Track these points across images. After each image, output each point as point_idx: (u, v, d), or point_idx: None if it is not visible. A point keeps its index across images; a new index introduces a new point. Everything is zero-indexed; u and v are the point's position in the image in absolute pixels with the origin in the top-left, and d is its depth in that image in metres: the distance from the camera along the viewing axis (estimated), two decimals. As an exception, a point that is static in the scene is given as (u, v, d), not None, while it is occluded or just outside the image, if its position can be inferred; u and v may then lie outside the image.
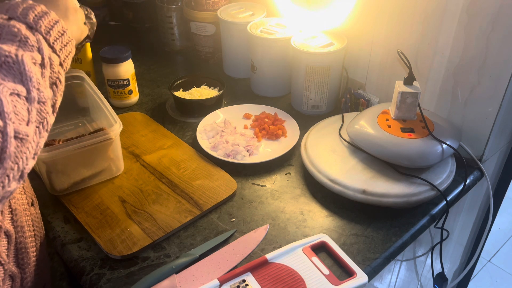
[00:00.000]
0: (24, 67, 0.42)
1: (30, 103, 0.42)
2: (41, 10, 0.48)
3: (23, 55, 0.43)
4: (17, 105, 0.40)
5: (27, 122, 0.41)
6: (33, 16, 0.46)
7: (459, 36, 0.81)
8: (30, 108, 0.42)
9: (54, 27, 0.48)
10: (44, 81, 0.44)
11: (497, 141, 0.92)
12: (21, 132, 0.40)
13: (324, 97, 1.02)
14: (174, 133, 0.98)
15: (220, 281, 0.65)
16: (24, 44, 0.43)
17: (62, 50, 0.49)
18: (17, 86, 0.41)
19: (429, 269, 0.95)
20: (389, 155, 0.79)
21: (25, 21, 0.45)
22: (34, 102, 0.42)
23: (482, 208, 1.12)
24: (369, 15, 0.95)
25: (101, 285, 0.66)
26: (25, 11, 0.46)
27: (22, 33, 0.44)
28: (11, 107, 0.39)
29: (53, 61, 0.47)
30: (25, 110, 0.41)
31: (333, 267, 0.69)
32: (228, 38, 1.17)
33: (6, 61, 0.41)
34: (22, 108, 0.41)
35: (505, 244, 2.08)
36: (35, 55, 0.44)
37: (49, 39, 0.47)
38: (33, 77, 0.43)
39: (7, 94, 0.39)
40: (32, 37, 0.45)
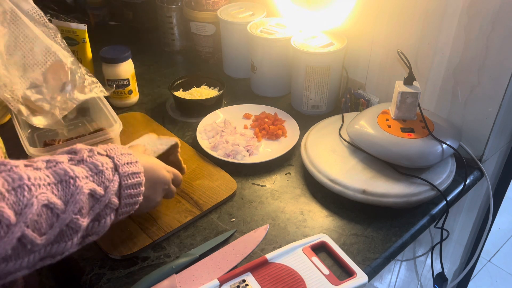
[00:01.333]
0: (77, 193, 0.44)
1: (57, 221, 0.43)
2: (136, 163, 0.52)
3: (87, 184, 0.45)
4: (43, 216, 0.41)
5: (41, 234, 0.42)
6: (124, 162, 0.50)
7: (459, 36, 0.81)
8: (56, 225, 0.43)
9: (134, 183, 0.51)
10: (89, 213, 0.46)
11: (497, 141, 0.92)
12: (28, 238, 0.40)
13: (324, 97, 1.02)
14: (174, 133, 0.98)
15: (220, 281, 0.65)
16: (97, 176, 0.46)
17: (128, 203, 0.52)
18: (57, 202, 0.43)
19: (429, 269, 0.95)
20: (389, 155, 0.79)
21: (116, 162, 0.49)
22: (62, 223, 0.43)
23: (482, 208, 1.12)
24: (369, 15, 0.95)
25: (101, 285, 0.66)
26: (122, 156, 0.51)
27: (102, 168, 0.47)
28: (35, 216, 0.40)
29: (111, 204, 0.49)
30: (47, 224, 0.42)
31: (333, 267, 0.69)
32: (228, 38, 1.17)
33: (69, 181, 0.44)
34: (46, 221, 0.42)
35: (505, 244, 2.07)
36: (98, 189, 0.46)
37: (123, 187, 0.50)
38: (78, 204, 0.44)
39: (41, 202, 0.41)
40: (109, 175, 0.48)
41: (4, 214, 0.38)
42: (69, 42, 1.02)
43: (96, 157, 0.49)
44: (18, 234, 0.39)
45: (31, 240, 0.41)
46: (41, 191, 0.42)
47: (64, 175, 0.44)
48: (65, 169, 0.45)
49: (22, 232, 0.40)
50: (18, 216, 0.39)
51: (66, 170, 0.45)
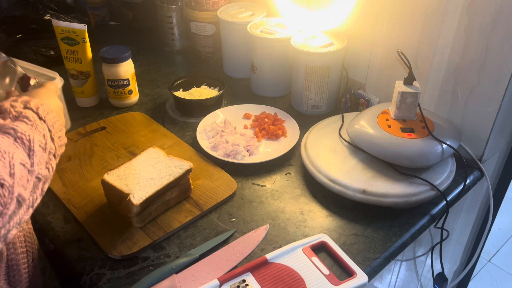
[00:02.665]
0: (33, 146, 0.50)
1: (30, 175, 0.48)
2: (48, 108, 0.57)
3: (35, 137, 0.51)
4: (22, 173, 0.47)
5: (25, 189, 0.47)
6: (42, 110, 0.55)
7: (459, 36, 0.81)
8: (30, 179, 0.48)
9: (56, 123, 0.57)
10: (43, 162, 0.51)
11: (497, 141, 0.92)
12: (21, 196, 0.46)
13: (324, 97, 1.02)
14: (174, 133, 0.98)
15: (220, 281, 0.65)
16: (35, 129, 0.52)
17: (59, 144, 0.57)
18: (25, 158, 0.48)
19: (429, 269, 0.95)
20: (389, 155, 0.79)
21: (36, 112, 0.54)
22: (33, 175, 0.48)
23: (482, 208, 1.12)
24: (369, 15, 0.95)
25: (101, 285, 0.66)
26: (36, 105, 0.55)
27: (33, 119, 0.53)
28: (19, 173, 0.46)
29: (51, 150, 0.54)
30: (25, 179, 0.47)
31: (333, 267, 0.69)
32: (228, 38, 1.17)
33: (21, 137, 0.49)
34: (24, 177, 0.47)
35: (505, 244, 2.07)
36: (42, 140, 0.52)
37: (52, 131, 0.55)
38: (37, 155, 0.50)
39: (18, 162, 0.46)
40: (40, 125, 0.53)
41: (5, 177, 0.43)
42: (69, 42, 1.02)
43: (22, 111, 0.53)
44: (16, 193, 0.45)
45: (23, 197, 0.46)
46: (11, 150, 0.46)
47: (14, 133, 0.49)
48: (12, 128, 0.49)
49: (18, 191, 0.45)
50: (11, 178, 0.44)
51: (14, 128, 0.49)
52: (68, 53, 1.03)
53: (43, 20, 1.28)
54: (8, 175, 0.44)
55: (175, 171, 0.77)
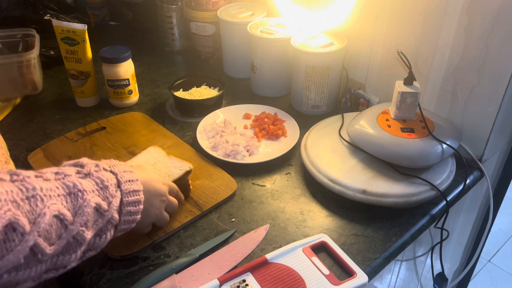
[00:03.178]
0: (85, 205, 0.46)
1: (66, 233, 0.44)
2: (137, 181, 0.55)
3: (93, 198, 0.47)
4: (53, 226, 0.43)
5: (51, 244, 0.43)
6: (126, 180, 0.53)
7: (459, 36, 0.81)
8: (63, 236, 0.44)
9: (134, 200, 0.54)
10: (93, 227, 0.48)
11: (497, 141, 0.92)
12: (39, 247, 0.41)
13: (324, 97, 1.02)
14: (174, 133, 0.98)
15: (220, 281, 0.65)
16: (102, 190, 0.49)
17: (126, 220, 0.54)
18: (67, 213, 0.44)
19: (429, 269, 0.95)
20: (389, 155, 0.79)
21: (119, 179, 0.51)
22: (70, 234, 0.45)
23: (482, 208, 1.12)
24: (369, 15, 0.95)
25: (101, 285, 0.66)
26: (124, 173, 0.53)
27: (107, 183, 0.50)
28: (47, 226, 0.42)
29: (113, 220, 0.50)
30: (57, 234, 0.43)
31: (333, 267, 0.69)
32: (228, 38, 1.17)
33: (77, 193, 0.46)
34: (55, 232, 0.43)
35: (505, 244, 2.07)
36: (103, 204, 0.49)
37: (124, 203, 0.53)
38: (85, 216, 0.46)
39: (52, 213, 0.42)
40: (113, 191, 0.50)
41: (20, 222, 0.39)
42: (69, 42, 1.02)
43: (101, 172, 0.51)
44: (31, 242, 0.40)
45: (41, 250, 0.42)
46: (52, 201, 0.43)
47: (73, 187, 0.46)
48: (74, 182, 0.46)
49: (35, 241, 0.41)
50: (32, 225, 0.40)
51: (75, 183, 0.46)
52: (68, 53, 1.03)
53: (43, 20, 1.28)
54: (29, 221, 0.40)
55: (175, 172, 0.77)
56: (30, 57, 1.05)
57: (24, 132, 0.99)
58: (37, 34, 1.14)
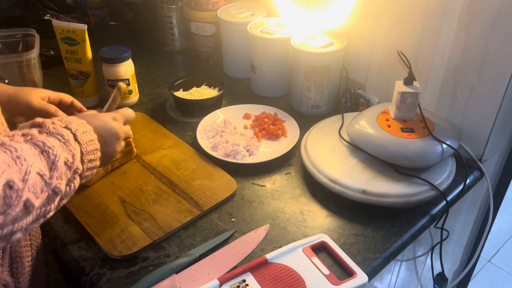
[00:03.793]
0: (57, 160, 0.52)
1: (47, 186, 0.50)
2: (89, 132, 0.60)
3: (62, 153, 0.53)
4: (37, 182, 0.48)
5: (37, 198, 0.48)
6: (81, 132, 0.58)
7: (459, 36, 0.81)
8: (45, 190, 0.50)
9: (92, 149, 0.59)
10: (64, 179, 0.53)
11: (497, 141, 0.92)
12: (30, 202, 0.47)
13: (324, 97, 1.02)
14: (174, 133, 0.98)
15: (220, 281, 0.65)
16: (65, 145, 0.54)
17: (88, 168, 0.59)
18: (45, 170, 0.50)
19: (429, 269, 0.95)
20: (389, 155, 0.79)
21: (74, 133, 0.57)
22: (49, 187, 0.50)
23: (482, 208, 1.12)
24: (369, 15, 0.95)
25: (101, 285, 0.66)
26: (77, 126, 0.58)
27: (67, 138, 0.55)
28: (33, 181, 0.47)
29: (78, 170, 0.56)
30: (39, 188, 0.49)
31: (333, 267, 0.69)
32: (228, 38, 1.17)
33: (48, 151, 0.51)
34: (38, 186, 0.49)
35: (505, 244, 2.07)
36: (69, 157, 0.54)
37: (84, 153, 0.58)
38: (59, 170, 0.52)
39: (35, 171, 0.48)
40: (73, 145, 0.56)
41: (14, 180, 0.45)
42: (69, 42, 1.02)
43: (59, 128, 0.56)
44: (24, 197, 0.46)
45: (32, 203, 0.47)
46: (33, 160, 0.48)
47: (43, 146, 0.51)
48: (42, 141, 0.51)
49: (27, 196, 0.46)
50: (22, 183, 0.46)
51: (44, 141, 0.51)
52: (68, 53, 1.03)
53: (43, 20, 1.28)
54: (20, 179, 0.46)
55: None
56: (30, 57, 1.05)
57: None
58: (37, 34, 1.14)
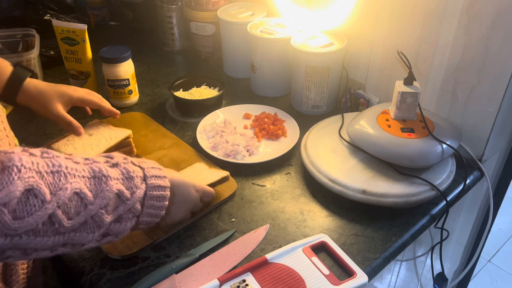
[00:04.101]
0: (107, 190, 0.48)
1: (84, 210, 0.46)
2: (164, 178, 0.56)
3: (116, 184, 0.49)
4: (73, 202, 0.45)
5: (69, 218, 0.45)
6: (153, 175, 0.54)
7: (459, 36, 0.81)
8: (82, 213, 0.46)
9: (159, 195, 0.55)
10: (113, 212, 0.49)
11: (497, 141, 0.92)
12: (57, 217, 0.44)
13: (324, 97, 1.02)
14: (174, 133, 0.98)
15: (220, 281, 0.65)
16: (127, 180, 0.51)
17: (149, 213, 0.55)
18: (88, 193, 0.46)
19: (429, 269, 0.95)
20: (389, 155, 0.79)
21: (145, 172, 0.54)
22: (89, 213, 0.47)
23: (482, 208, 1.12)
24: (369, 15, 0.95)
25: (101, 285, 0.66)
26: (153, 170, 0.55)
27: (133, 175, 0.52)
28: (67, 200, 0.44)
29: (134, 209, 0.52)
30: (75, 210, 0.45)
31: (333, 267, 0.69)
32: (228, 38, 1.17)
33: (101, 178, 0.48)
34: (75, 208, 0.45)
35: (505, 244, 2.07)
36: (126, 192, 0.50)
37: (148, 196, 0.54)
38: (106, 200, 0.48)
39: (73, 190, 0.45)
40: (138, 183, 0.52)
41: (41, 190, 0.42)
42: (69, 42, 1.02)
43: (129, 164, 0.53)
44: (50, 211, 0.43)
45: (59, 220, 0.44)
46: (75, 180, 0.45)
47: (98, 172, 0.48)
48: (100, 168, 0.49)
49: (54, 210, 0.43)
50: (53, 196, 0.43)
51: (101, 168, 0.49)
52: (68, 53, 1.03)
53: (43, 20, 1.28)
54: (51, 192, 0.43)
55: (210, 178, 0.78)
56: (30, 57, 1.05)
57: (24, 132, 0.99)
58: (37, 34, 1.14)
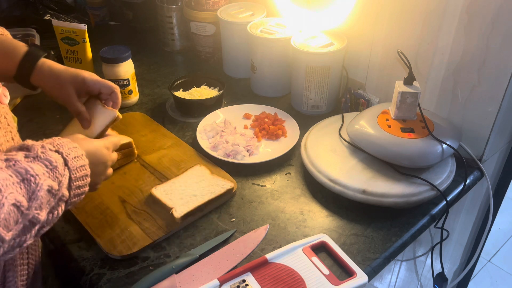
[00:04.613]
0: (39, 190, 0.48)
1: (22, 218, 0.47)
2: (81, 157, 0.57)
3: (46, 181, 0.49)
4: (11, 214, 0.45)
5: (9, 231, 0.45)
6: (73, 157, 0.55)
7: (459, 36, 0.81)
8: (20, 221, 0.47)
9: (82, 175, 0.56)
10: (46, 207, 0.50)
11: (497, 141, 0.92)
12: None
13: (324, 97, 1.02)
14: (174, 133, 0.98)
15: (220, 281, 0.65)
16: (52, 171, 0.51)
17: (76, 194, 0.56)
18: (23, 200, 0.47)
19: (429, 269, 0.95)
20: (389, 155, 0.79)
21: (65, 157, 0.54)
22: (25, 218, 0.47)
23: (482, 208, 1.12)
24: (369, 15, 0.95)
25: (101, 285, 0.66)
26: (69, 151, 0.55)
27: (56, 164, 0.52)
28: (6, 215, 0.45)
29: (63, 197, 0.53)
30: (13, 220, 0.46)
31: (333, 267, 0.69)
32: (228, 38, 1.17)
33: (30, 179, 0.48)
34: (13, 218, 0.46)
35: (505, 244, 2.07)
36: (54, 185, 0.51)
37: (73, 180, 0.55)
38: (40, 200, 0.49)
39: (10, 202, 0.45)
40: (61, 170, 0.52)
41: None
42: (69, 42, 1.02)
43: (48, 153, 0.52)
44: None
45: (1, 237, 0.44)
46: (9, 191, 0.45)
47: (25, 173, 0.48)
48: (25, 168, 0.48)
49: None
50: None
51: (27, 168, 0.48)
52: (68, 53, 1.04)
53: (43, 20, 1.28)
54: None
55: (217, 189, 0.80)
56: (30, 57, 1.05)
57: (24, 132, 0.99)
58: (37, 34, 1.14)
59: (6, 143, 0.59)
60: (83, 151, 0.58)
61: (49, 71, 0.73)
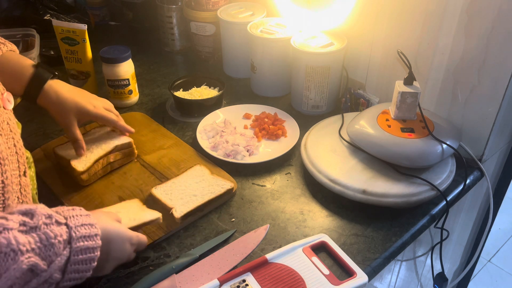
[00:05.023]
0: (13, 269, 0.42)
1: None
2: (95, 236, 0.50)
3: (28, 259, 0.43)
4: None
5: None
6: (81, 235, 0.48)
7: (459, 36, 0.81)
8: None
9: (86, 259, 0.49)
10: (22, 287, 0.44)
11: (497, 141, 0.92)
12: None
13: (324, 97, 1.02)
14: (174, 133, 0.98)
15: (220, 281, 0.65)
16: (45, 248, 0.45)
17: (71, 278, 0.49)
18: None
19: (429, 269, 0.95)
20: (389, 155, 0.79)
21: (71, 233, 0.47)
22: None
23: (482, 208, 1.12)
24: (369, 15, 0.95)
25: (101, 285, 0.66)
26: (81, 228, 0.48)
27: (54, 241, 0.46)
28: None
29: (51, 279, 0.46)
30: None
31: (333, 267, 0.69)
32: (228, 38, 1.17)
33: (9, 253, 0.42)
34: None
35: (505, 244, 2.07)
36: (41, 264, 0.44)
37: (71, 262, 0.48)
38: (10, 280, 0.42)
39: None
40: (59, 249, 0.46)
41: None
42: (69, 42, 1.02)
43: (52, 226, 0.47)
44: None
45: None
46: None
47: (6, 246, 0.42)
48: (9, 240, 0.43)
49: None
50: None
51: (10, 241, 0.43)
52: (68, 53, 1.03)
53: (43, 20, 1.28)
54: None
55: (217, 189, 0.80)
56: (30, 57, 1.04)
57: (24, 132, 0.98)
58: (37, 34, 1.14)
59: (7, 149, 0.56)
60: (98, 231, 0.51)
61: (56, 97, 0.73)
